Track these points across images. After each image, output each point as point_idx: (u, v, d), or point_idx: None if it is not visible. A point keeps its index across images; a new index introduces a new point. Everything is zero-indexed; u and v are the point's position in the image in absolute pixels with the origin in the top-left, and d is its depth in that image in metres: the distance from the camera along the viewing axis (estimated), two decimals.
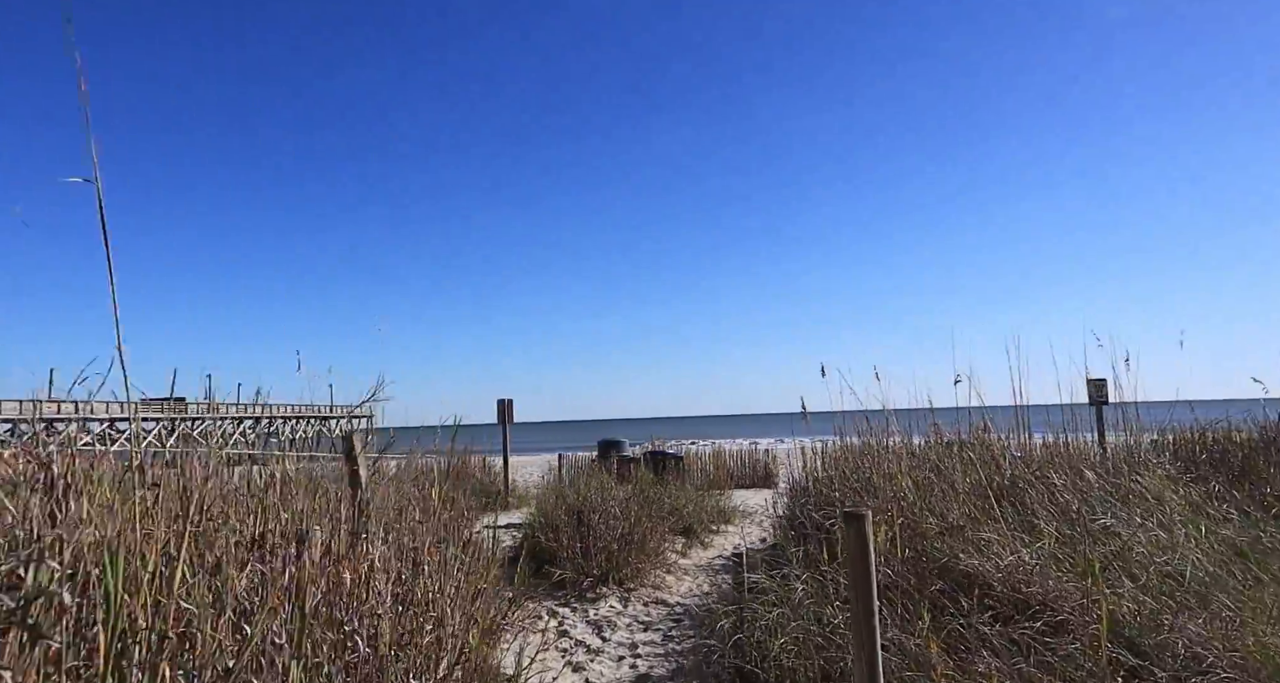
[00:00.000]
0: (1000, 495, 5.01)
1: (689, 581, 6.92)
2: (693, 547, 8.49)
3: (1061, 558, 3.97)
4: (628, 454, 12.85)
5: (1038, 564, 3.86)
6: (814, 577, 4.12)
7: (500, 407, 13.07)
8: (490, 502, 12.66)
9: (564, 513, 6.97)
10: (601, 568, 6.41)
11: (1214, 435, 7.84)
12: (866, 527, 2.55)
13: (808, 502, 6.49)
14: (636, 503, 7.22)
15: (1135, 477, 5.43)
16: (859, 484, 5.62)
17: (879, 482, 5.24)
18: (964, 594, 3.60)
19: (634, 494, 7.57)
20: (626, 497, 7.27)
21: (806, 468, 7.90)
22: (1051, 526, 4.48)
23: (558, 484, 8.86)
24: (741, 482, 14.51)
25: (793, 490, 7.69)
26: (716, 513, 9.95)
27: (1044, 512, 4.80)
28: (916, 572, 3.94)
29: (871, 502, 5.09)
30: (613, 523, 6.76)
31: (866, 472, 5.79)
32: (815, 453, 12.11)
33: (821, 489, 6.33)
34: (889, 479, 5.19)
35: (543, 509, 7.49)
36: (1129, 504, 4.89)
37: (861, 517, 2.55)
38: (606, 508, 6.89)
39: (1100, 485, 5.32)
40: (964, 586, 3.72)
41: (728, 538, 9.30)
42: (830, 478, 6.53)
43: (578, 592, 6.33)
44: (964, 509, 4.66)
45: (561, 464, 15.26)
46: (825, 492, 6.05)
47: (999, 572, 3.73)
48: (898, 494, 5.00)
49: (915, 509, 4.78)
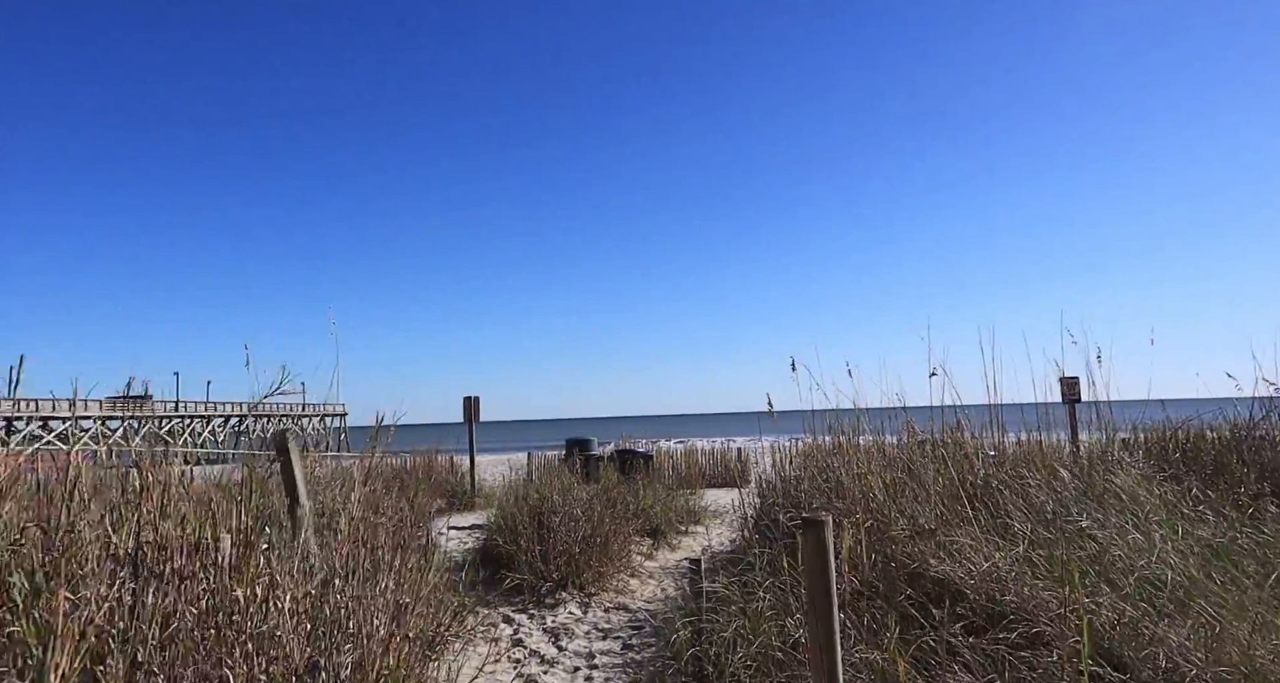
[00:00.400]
0: (973, 496, 4.82)
1: (653, 584, 6.66)
2: (660, 548, 8.24)
3: (1037, 563, 3.77)
4: (595, 453, 12.56)
5: (1013, 570, 3.64)
6: (777, 584, 3.88)
7: (466, 404, 12.72)
8: (455, 502, 12.33)
9: (523, 515, 6.68)
10: (561, 572, 6.14)
11: (1186, 433, 7.73)
12: (826, 535, 2.30)
13: (776, 503, 6.26)
14: (600, 504, 6.95)
15: (1110, 476, 5.26)
16: (827, 485, 5.40)
17: (848, 482, 5.02)
18: (935, 603, 3.37)
19: (598, 495, 7.29)
20: (590, 497, 6.99)
21: (776, 467, 7.67)
22: (1026, 527, 4.29)
23: (522, 483, 8.56)
24: (714, 481, 14.28)
25: (762, 491, 7.47)
26: (686, 513, 9.71)
27: (1018, 513, 4.61)
28: (885, 579, 3.71)
29: (839, 503, 4.86)
30: (574, 525, 6.48)
31: (835, 472, 5.57)
32: (786, 452, 11.90)
33: (789, 489, 6.11)
34: (858, 479, 4.97)
35: (503, 510, 7.19)
36: (1104, 505, 4.72)
37: (820, 524, 2.31)
38: (568, 509, 6.61)
39: (1074, 485, 5.15)
40: (935, 594, 3.50)
41: (697, 539, 9.06)
42: (799, 478, 6.30)
43: (536, 597, 6.04)
44: (935, 511, 4.45)
45: (531, 463, 14.97)
46: (793, 492, 5.83)
47: (972, 578, 3.51)
48: (866, 495, 4.78)
49: (885, 511, 4.56)
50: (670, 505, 9.23)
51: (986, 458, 5.80)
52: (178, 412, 65.23)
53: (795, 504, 5.35)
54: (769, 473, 8.66)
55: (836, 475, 5.50)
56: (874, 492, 4.78)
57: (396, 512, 6.26)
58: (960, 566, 3.70)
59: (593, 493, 7.39)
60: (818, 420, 9.11)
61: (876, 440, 6.41)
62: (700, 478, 13.50)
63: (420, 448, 14.37)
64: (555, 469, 11.73)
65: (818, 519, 2.31)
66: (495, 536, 6.88)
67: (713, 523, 10.29)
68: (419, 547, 5.36)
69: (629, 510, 7.76)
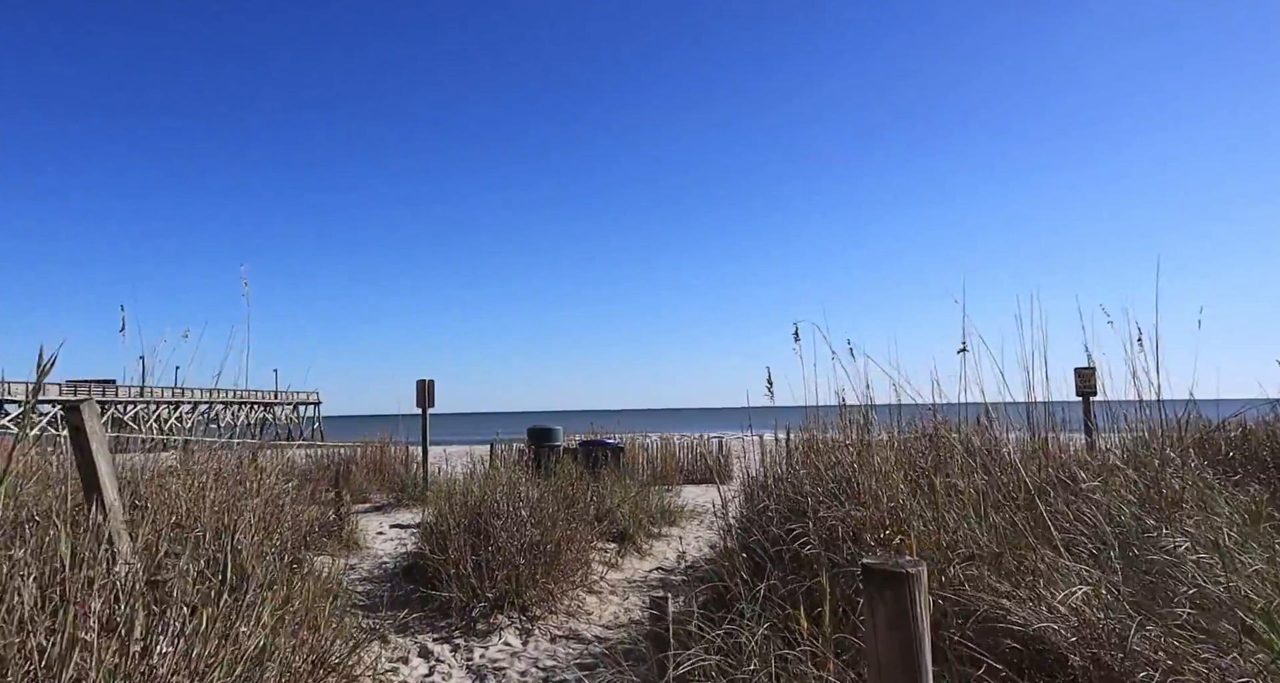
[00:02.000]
0: (1021, 506, 3.66)
1: (615, 603, 5.47)
2: (627, 556, 7.05)
3: (1131, 604, 2.62)
4: (559, 444, 11.30)
5: (1115, 619, 2.47)
6: (777, 633, 2.68)
7: (420, 389, 11.43)
8: (405, 496, 11.07)
9: (454, 517, 5.45)
10: (499, 589, 4.92)
11: (1240, 428, 6.65)
12: (913, 596, 1.13)
13: (768, 507, 5.07)
14: (554, 503, 5.73)
15: (1171, 479, 4.13)
16: (836, 486, 4.21)
17: (867, 483, 3.82)
18: (1021, 672, 2.19)
19: (552, 492, 6.07)
20: (541, 495, 5.78)
21: (766, 462, 6.48)
22: (1090, 549, 3.14)
23: (466, 478, 7.34)
24: (692, 477, 13.11)
25: (749, 491, 6.27)
26: (660, 514, 8.53)
27: (1080, 528, 3.46)
28: (940, 626, 2.53)
29: (858, 510, 3.68)
30: (519, 530, 5.27)
31: (846, 468, 4.38)
32: (779, 446, 10.67)
33: (786, 491, 4.91)
34: (881, 479, 3.77)
35: (437, 510, 5.96)
36: (1171, 518, 3.58)
37: (902, 578, 1.14)
38: (513, 511, 5.40)
39: (1139, 492, 4.00)
40: (1017, 653, 2.32)
41: (671, 544, 7.87)
42: (797, 476, 5.11)
43: (465, 622, 4.82)
44: (988, 524, 3.28)
45: (495, 454, 13.71)
46: (791, 494, 4.63)
47: (1070, 632, 2.34)
48: (893, 501, 3.60)
49: (917, 523, 3.38)
50: (642, 505, 8.04)
51: (1028, 458, 4.65)
52: (143, 397, 63.11)
53: (797, 511, 4.16)
54: (757, 470, 7.48)
55: (847, 473, 4.31)
56: (900, 496, 3.60)
57: (293, 514, 5.01)
58: (1041, 606, 2.52)
59: (545, 490, 6.17)
60: (820, 415, 8.02)
61: (891, 436, 5.22)
62: (678, 474, 12.33)
63: (370, 437, 13.09)
64: (515, 462, 10.51)
65: (897, 570, 1.14)
66: (424, 542, 5.65)
67: (690, 524, 9.12)
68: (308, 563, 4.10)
69: (591, 511, 6.56)
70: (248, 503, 4.77)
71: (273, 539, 4.62)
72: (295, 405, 78.26)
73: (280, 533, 4.71)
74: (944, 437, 5.07)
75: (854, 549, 3.38)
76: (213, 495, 4.30)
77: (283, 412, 76.98)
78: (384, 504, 11.08)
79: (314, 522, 5.95)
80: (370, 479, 12.05)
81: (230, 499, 4.54)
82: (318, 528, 6.91)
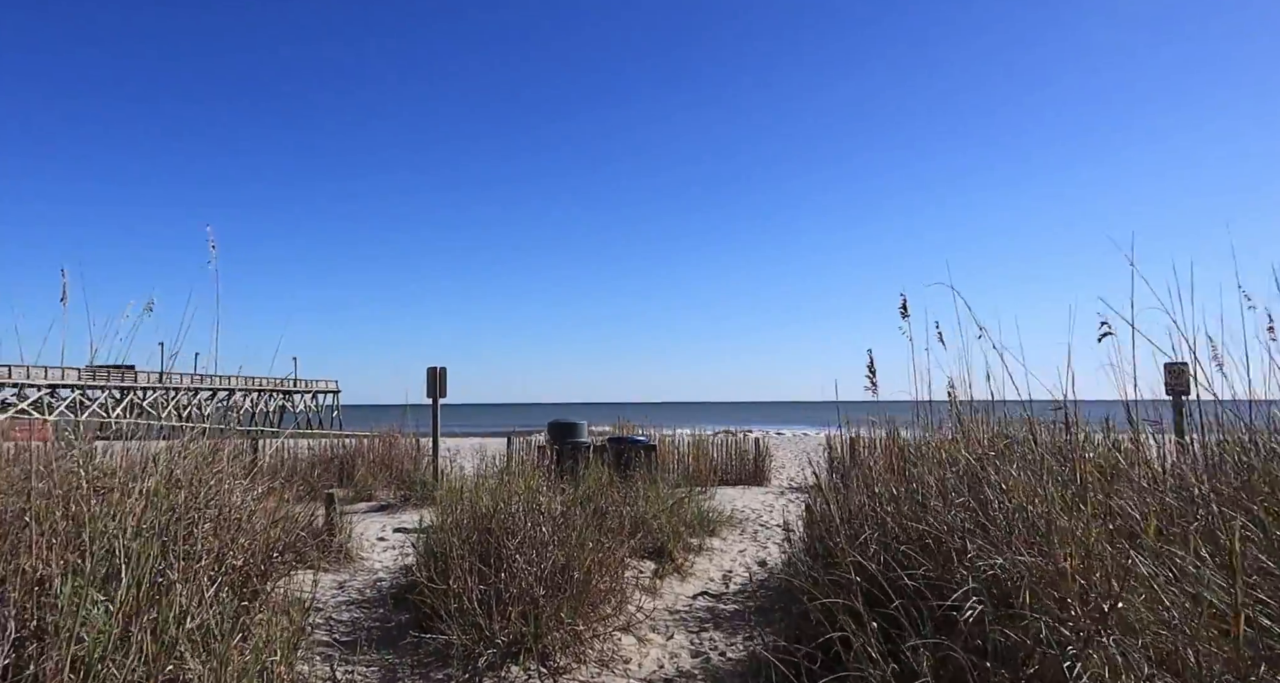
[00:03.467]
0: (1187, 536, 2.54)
1: (658, 645, 4.39)
2: (667, 575, 5.98)
3: None
4: (584, 441, 10.21)
5: None
6: None
7: (431, 377, 10.42)
8: (413, 494, 10.08)
9: (458, 534, 4.39)
10: (515, 630, 3.86)
11: None
12: None
13: (854, 526, 3.94)
14: (583, 517, 4.66)
15: None
16: (969, 514, 3.08)
17: (1044, 518, 2.67)
18: None
19: (579, 503, 5.01)
20: (566, 507, 4.71)
21: (844, 463, 5.36)
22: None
23: (472, 480, 6.29)
24: (727, 477, 12.01)
25: (818, 510, 5.15)
26: (698, 522, 7.45)
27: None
28: None
29: (1023, 552, 2.55)
30: (540, 552, 4.21)
31: (975, 483, 3.24)
32: (844, 446, 9.56)
33: (880, 509, 3.77)
34: (1070, 511, 2.62)
35: (440, 522, 4.91)
36: None
37: None
38: (532, 529, 4.34)
39: None
40: None
41: (715, 559, 6.79)
42: (892, 488, 3.96)
43: (470, 673, 3.77)
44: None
45: (512, 449, 12.66)
46: (896, 518, 3.49)
47: None
48: (1077, 539, 2.47)
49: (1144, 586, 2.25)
50: (680, 513, 6.96)
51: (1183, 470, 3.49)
52: (161, 383, 62.92)
53: (916, 542, 3.03)
54: (821, 475, 6.38)
55: (977, 491, 3.17)
56: (1090, 537, 2.47)
57: (266, 523, 3.97)
58: None
59: (571, 499, 5.12)
60: (885, 411, 6.91)
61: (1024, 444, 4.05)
62: (712, 474, 11.20)
63: (378, 428, 12.10)
64: (536, 464, 9.46)
65: None
66: (421, 565, 4.60)
67: (731, 534, 8.03)
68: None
69: (624, 524, 5.49)
70: (201, 514, 3.75)
71: (224, 564, 3.59)
72: (314, 394, 77.94)
73: (234, 556, 3.68)
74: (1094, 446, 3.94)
75: (1036, 616, 2.26)
76: (139, 509, 3.26)
77: (301, 400, 76.72)
78: (389, 504, 10.09)
79: (295, 531, 4.93)
80: (377, 475, 11.08)
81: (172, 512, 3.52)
82: (305, 536, 5.91)
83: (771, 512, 9.72)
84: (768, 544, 7.63)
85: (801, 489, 11.98)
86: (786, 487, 12.40)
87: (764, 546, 7.56)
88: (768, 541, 7.80)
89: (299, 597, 4.45)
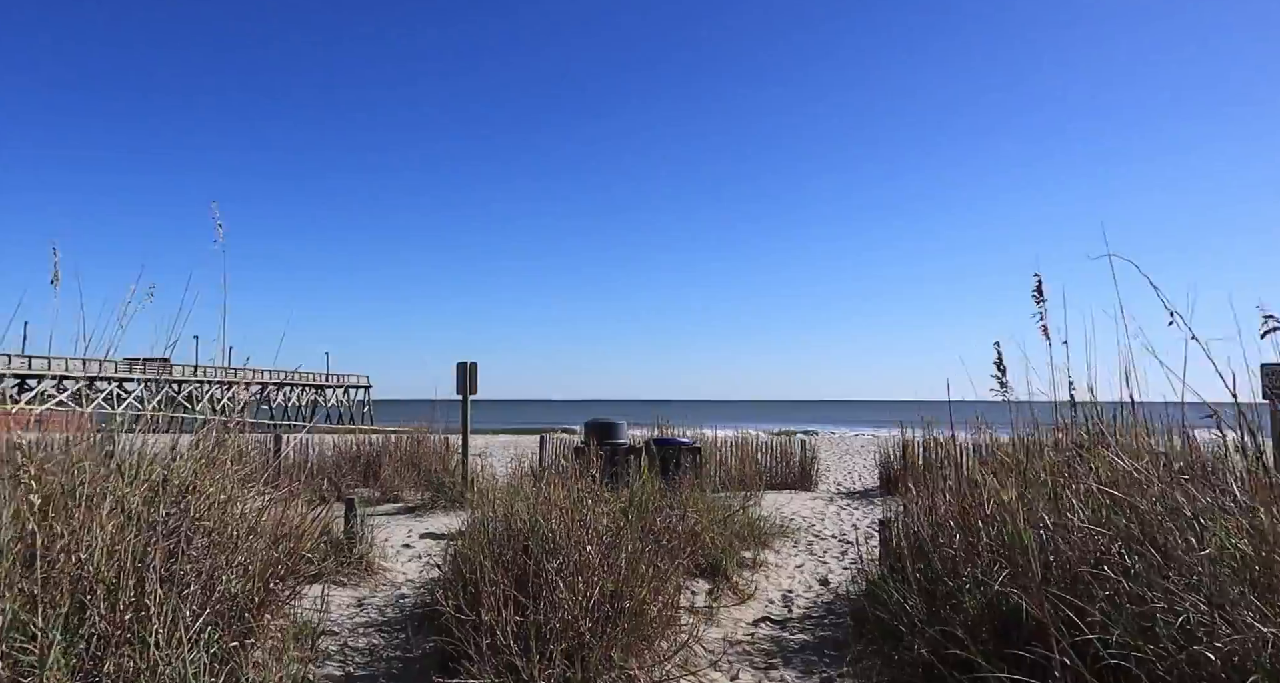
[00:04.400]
0: None
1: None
2: (721, 595, 5.34)
3: None
4: (624, 441, 9.57)
5: None
6: None
7: (460, 372, 9.87)
8: (442, 496, 9.54)
9: (488, 554, 3.78)
10: (559, 673, 3.25)
11: None
12: None
13: (974, 553, 3.27)
14: (633, 535, 4.04)
15: None
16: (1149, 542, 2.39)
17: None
18: None
19: (628, 517, 4.39)
20: (616, 525, 4.09)
21: (932, 473, 4.70)
22: None
23: (504, 487, 5.69)
24: (772, 481, 11.31)
25: (904, 526, 4.49)
26: (749, 533, 6.79)
27: None
28: None
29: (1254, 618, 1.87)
30: (585, 577, 3.59)
31: (1162, 516, 2.54)
32: (919, 447, 8.84)
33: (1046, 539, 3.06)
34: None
35: (471, 537, 4.31)
36: None
37: None
38: (576, 550, 3.73)
39: None
40: None
41: (771, 576, 6.14)
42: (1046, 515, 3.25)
43: None
44: None
45: (544, 450, 12.08)
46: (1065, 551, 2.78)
47: None
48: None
49: None
50: (732, 525, 6.31)
51: None
52: (195, 376, 63.66)
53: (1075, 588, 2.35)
54: (911, 487, 5.71)
55: (1159, 518, 2.47)
56: None
57: (269, 540, 3.40)
58: None
59: (615, 509, 4.50)
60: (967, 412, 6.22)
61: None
62: (758, 478, 10.51)
63: (406, 425, 11.61)
64: (569, 461, 8.85)
65: None
66: (448, 585, 4.01)
67: (784, 546, 7.36)
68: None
69: (678, 540, 4.86)
70: (194, 527, 3.20)
71: (215, 593, 3.03)
72: (346, 388, 78.39)
73: (229, 581, 3.12)
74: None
75: None
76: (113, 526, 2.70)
77: (333, 394, 77.22)
78: (417, 505, 9.57)
79: (307, 545, 4.36)
80: (403, 475, 10.58)
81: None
82: (323, 545, 5.37)
83: (823, 520, 9.03)
84: (826, 558, 6.96)
85: (852, 495, 11.26)
86: (835, 492, 11.68)
87: (822, 559, 6.89)
88: (825, 554, 7.13)
89: (308, 621, 3.89)
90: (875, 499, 10.51)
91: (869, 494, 11.23)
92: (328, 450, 11.36)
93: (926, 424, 11.10)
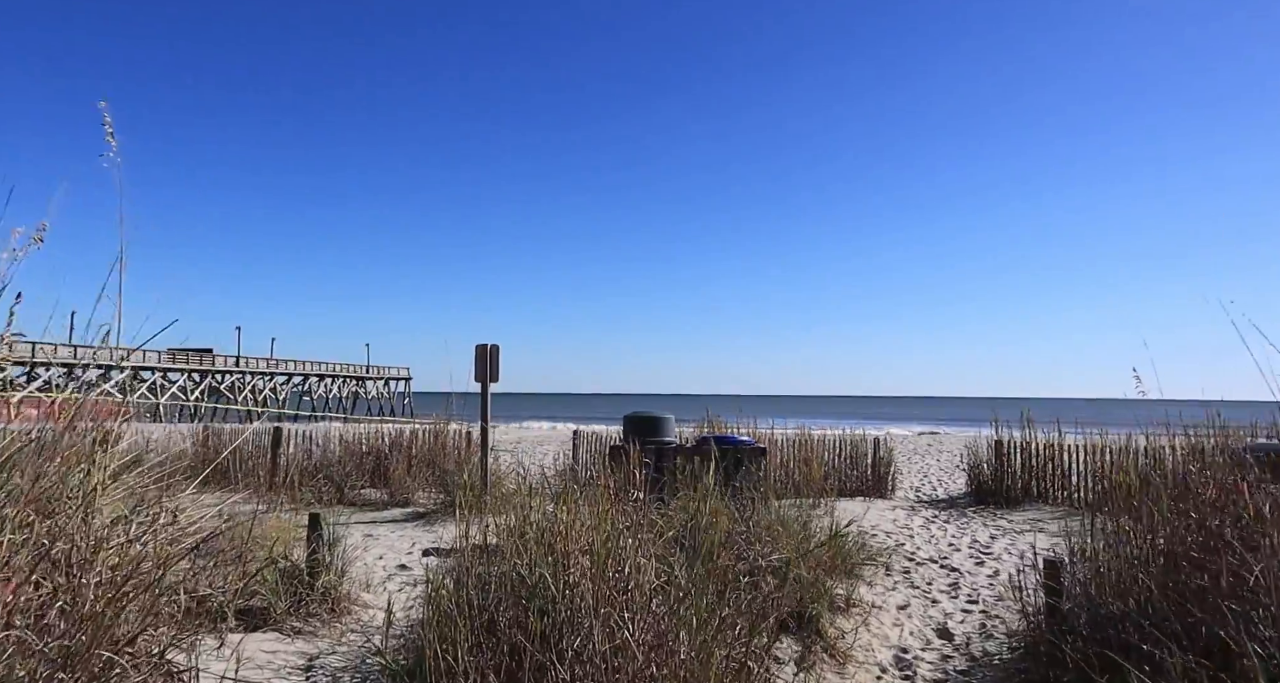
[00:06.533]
0: None
1: None
2: (811, 653, 3.82)
3: None
4: (671, 440, 7.98)
5: None
6: None
7: (480, 356, 8.47)
8: (454, 501, 8.14)
9: (468, 619, 2.31)
10: None
11: None
12: None
13: None
14: (700, 588, 2.54)
15: None
16: None
17: None
18: None
19: (690, 556, 2.90)
20: (669, 578, 2.60)
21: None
22: None
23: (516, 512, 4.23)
24: (844, 488, 9.69)
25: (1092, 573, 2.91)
26: (835, 562, 5.22)
27: None
28: None
29: None
30: (626, 662, 2.11)
31: None
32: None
33: None
34: None
35: (445, 592, 2.86)
36: None
37: None
38: (610, 612, 2.25)
39: None
40: None
41: (872, 623, 4.57)
42: None
43: None
44: None
45: (579, 448, 10.64)
46: None
47: None
48: None
49: None
50: (821, 553, 4.77)
51: None
52: (238, 367, 63.83)
53: None
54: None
55: None
56: None
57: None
58: None
59: (670, 541, 3.01)
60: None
61: None
62: (826, 483, 8.89)
63: (424, 419, 10.26)
64: (617, 483, 7.38)
65: None
66: (425, 659, 2.56)
67: (876, 575, 5.78)
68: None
69: (765, 585, 3.35)
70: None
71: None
72: (386, 380, 78.21)
73: None
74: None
75: None
76: None
77: (374, 387, 77.10)
78: (429, 511, 8.20)
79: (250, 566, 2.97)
80: (416, 474, 9.25)
81: None
82: (272, 579, 4.01)
83: (912, 537, 7.41)
84: (933, 593, 5.39)
85: (935, 504, 9.59)
86: (915, 499, 10.03)
87: (928, 596, 5.32)
88: (930, 586, 5.55)
89: None
90: (967, 511, 8.84)
91: (956, 503, 9.55)
92: (335, 447, 10.09)
93: (1026, 422, 9.40)
